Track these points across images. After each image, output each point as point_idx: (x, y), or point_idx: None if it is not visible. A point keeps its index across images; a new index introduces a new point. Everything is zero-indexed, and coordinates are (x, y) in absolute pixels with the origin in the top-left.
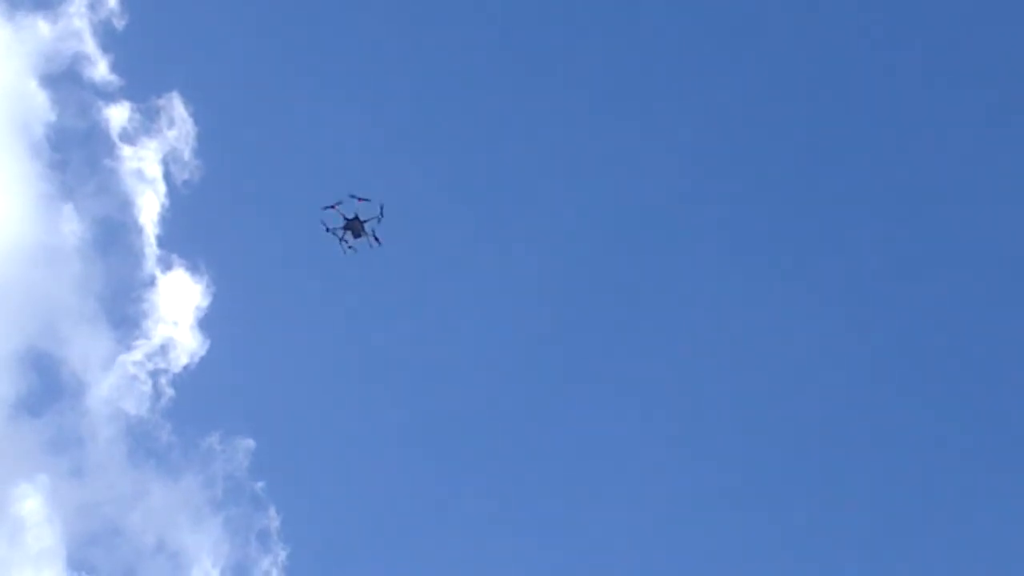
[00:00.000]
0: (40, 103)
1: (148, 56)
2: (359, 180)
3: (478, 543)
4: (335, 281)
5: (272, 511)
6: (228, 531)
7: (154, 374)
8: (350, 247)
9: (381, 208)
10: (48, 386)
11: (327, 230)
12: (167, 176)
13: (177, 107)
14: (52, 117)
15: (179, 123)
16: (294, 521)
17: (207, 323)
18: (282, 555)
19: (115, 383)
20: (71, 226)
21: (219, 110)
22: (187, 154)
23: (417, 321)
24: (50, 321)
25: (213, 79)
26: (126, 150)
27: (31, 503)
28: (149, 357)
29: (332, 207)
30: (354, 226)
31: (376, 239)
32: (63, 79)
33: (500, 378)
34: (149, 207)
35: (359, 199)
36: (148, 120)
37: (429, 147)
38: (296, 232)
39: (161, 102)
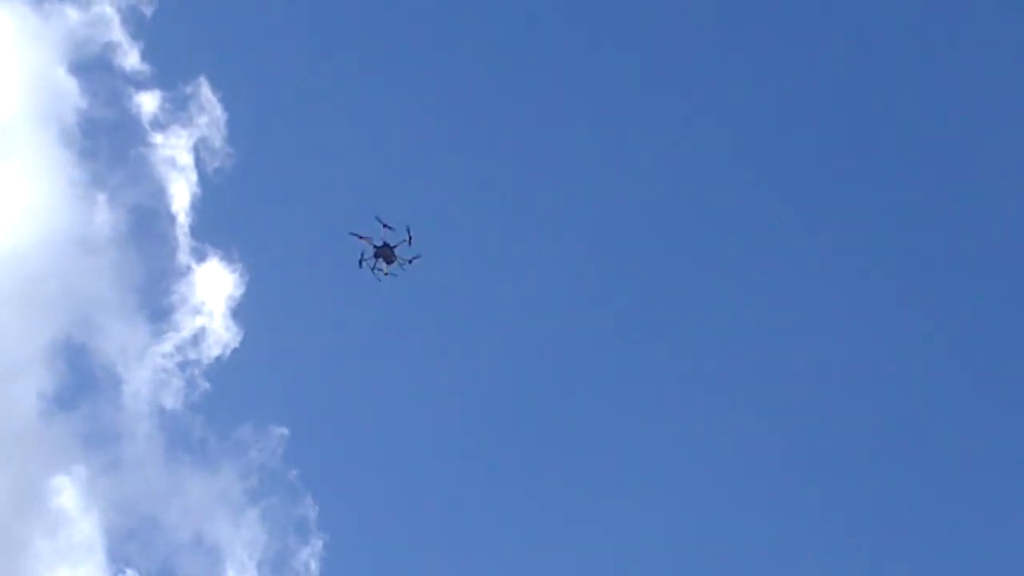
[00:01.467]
0: (70, 91)
1: (178, 43)
2: (394, 166)
3: (518, 531)
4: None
5: (309, 499)
6: (265, 522)
7: (188, 365)
8: (385, 274)
9: (408, 231)
10: (82, 379)
11: (360, 262)
12: (199, 164)
13: (207, 94)
14: (83, 105)
15: (209, 110)
16: (331, 509)
17: (241, 313)
18: (319, 544)
19: (149, 375)
20: (103, 216)
21: (250, 97)
22: (218, 142)
23: (455, 310)
24: (84, 313)
25: (243, 66)
26: (158, 138)
27: (68, 496)
28: (182, 348)
29: (360, 237)
30: (385, 253)
31: (409, 262)
32: (93, 67)
33: (539, 367)
34: (181, 196)
35: (385, 225)
36: (178, 108)
37: (466, 137)
38: (330, 219)
39: (190, 89)
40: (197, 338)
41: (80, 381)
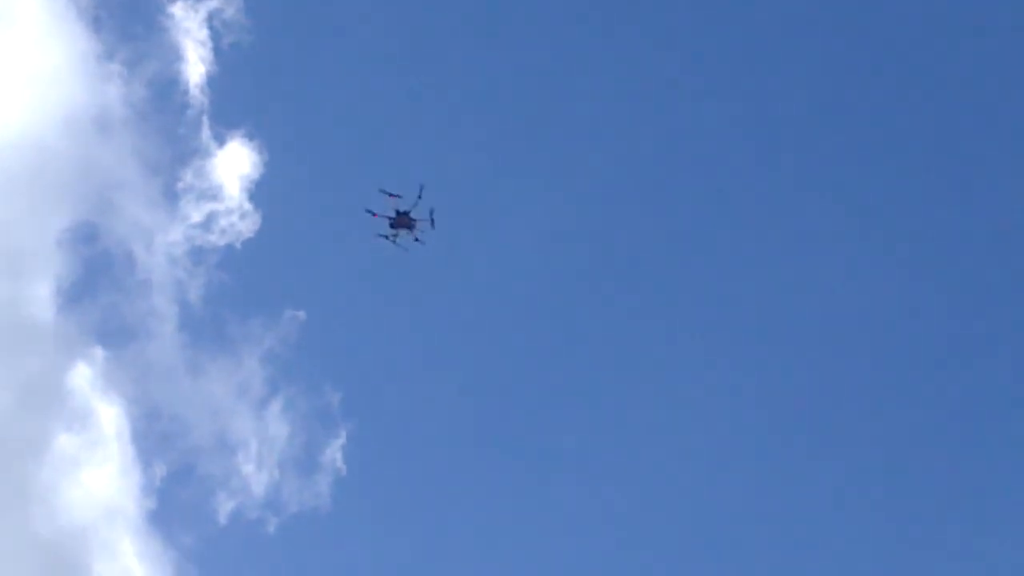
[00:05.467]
0: None
1: None
2: (424, 40)
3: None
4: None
5: (328, 387)
6: (287, 413)
7: (206, 249)
8: (416, 240)
9: (421, 189)
10: (98, 266)
11: (384, 238)
12: (214, 38)
13: None
14: None
15: None
16: (354, 394)
17: (259, 194)
18: (343, 434)
19: (167, 260)
20: (118, 91)
21: None
22: (234, 13)
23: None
24: (100, 196)
25: None
26: (174, 9)
27: (86, 383)
28: (200, 231)
29: (374, 215)
30: (403, 221)
31: (431, 222)
32: None
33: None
34: (198, 71)
35: (391, 195)
36: None
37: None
38: (349, 94)
39: None
40: (215, 221)
41: (96, 268)
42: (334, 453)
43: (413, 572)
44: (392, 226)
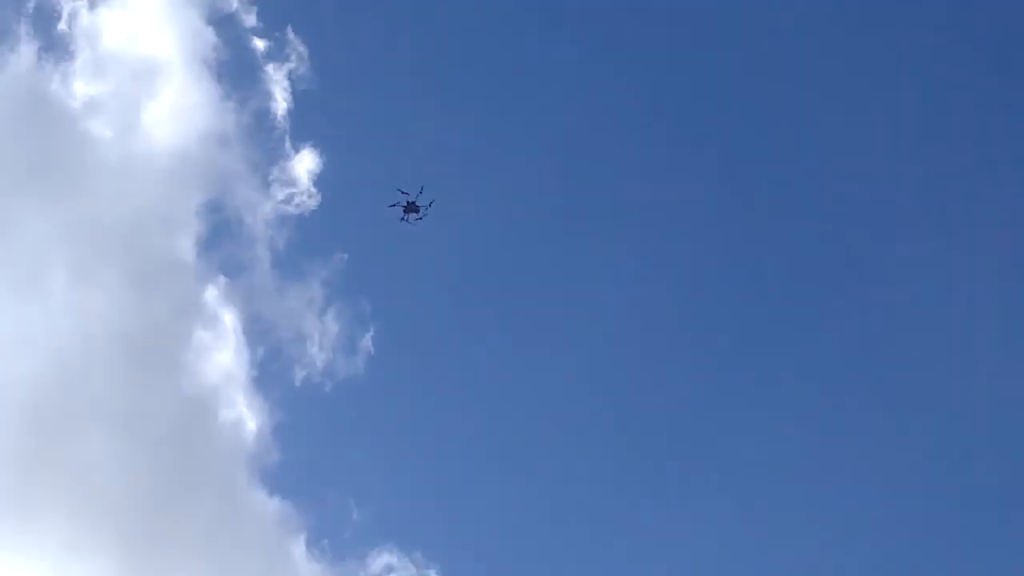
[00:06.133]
0: (208, 39)
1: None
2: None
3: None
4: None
5: (364, 301)
6: (337, 317)
7: (288, 216)
8: (419, 219)
9: (422, 188)
10: (221, 226)
11: (401, 219)
12: (293, 86)
13: (293, 39)
14: (219, 46)
15: (297, 49)
16: (379, 306)
17: (321, 182)
18: (372, 330)
19: (263, 222)
20: (233, 118)
21: (328, 39)
22: (305, 71)
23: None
24: (223, 182)
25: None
26: (268, 68)
27: (214, 299)
28: (285, 205)
29: (394, 206)
30: (411, 208)
31: (429, 206)
32: (223, 21)
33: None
34: (282, 106)
35: (404, 193)
36: (279, 47)
37: None
38: (389, 122)
39: (285, 35)
40: (292, 199)
41: (221, 229)
42: (368, 343)
43: (423, 424)
44: (404, 211)
